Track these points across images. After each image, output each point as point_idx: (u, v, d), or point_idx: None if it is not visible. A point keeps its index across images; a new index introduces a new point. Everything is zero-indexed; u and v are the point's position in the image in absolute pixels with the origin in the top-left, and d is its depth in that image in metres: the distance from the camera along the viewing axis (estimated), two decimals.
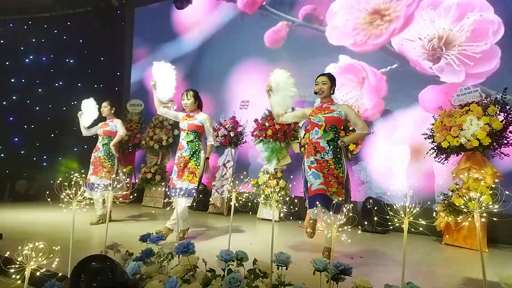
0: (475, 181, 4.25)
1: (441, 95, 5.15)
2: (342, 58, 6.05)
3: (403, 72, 5.55)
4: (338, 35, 6.13)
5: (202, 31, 7.77)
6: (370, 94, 5.75)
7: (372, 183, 5.61)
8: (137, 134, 7.52)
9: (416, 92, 5.39)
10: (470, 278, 3.02)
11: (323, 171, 3.19)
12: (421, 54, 5.41)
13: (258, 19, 7.06)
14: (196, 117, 4.17)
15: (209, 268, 2.28)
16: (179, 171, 4.06)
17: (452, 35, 5.16)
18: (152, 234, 2.60)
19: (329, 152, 3.22)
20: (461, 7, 5.12)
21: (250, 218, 5.87)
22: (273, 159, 5.92)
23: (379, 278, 2.79)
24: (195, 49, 7.84)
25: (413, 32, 5.49)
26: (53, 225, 4.55)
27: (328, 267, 2.03)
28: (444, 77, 5.21)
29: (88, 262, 1.93)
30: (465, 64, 5.06)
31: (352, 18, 5.99)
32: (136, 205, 6.99)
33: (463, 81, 5.01)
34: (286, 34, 6.72)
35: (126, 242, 2.83)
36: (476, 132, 4.20)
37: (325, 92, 3.34)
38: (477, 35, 4.98)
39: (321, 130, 3.26)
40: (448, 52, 5.18)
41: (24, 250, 1.89)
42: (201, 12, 7.85)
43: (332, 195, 3.11)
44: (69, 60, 8.20)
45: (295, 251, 3.56)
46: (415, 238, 4.56)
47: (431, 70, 5.31)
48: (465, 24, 5.07)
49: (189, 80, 7.45)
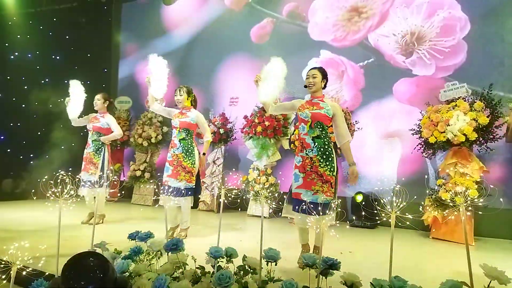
0: (462, 175, 4.31)
1: (413, 87, 5.51)
2: (323, 52, 6.30)
3: (379, 66, 5.84)
4: (319, 31, 6.38)
5: (190, 27, 7.73)
6: (349, 86, 6.03)
7: (360, 178, 5.61)
8: (126, 132, 7.45)
9: (391, 85, 5.69)
10: (456, 271, 3.06)
11: (305, 168, 3.12)
12: (395, 49, 5.71)
13: (245, 15, 7.14)
14: (188, 115, 4.12)
15: (198, 265, 2.28)
16: (173, 170, 4.02)
17: (423, 31, 5.47)
18: (140, 232, 2.58)
19: (314, 149, 3.11)
20: (431, 5, 5.44)
21: (240, 215, 5.87)
22: (263, 156, 5.92)
23: (368, 272, 2.81)
24: (183, 45, 7.79)
25: (388, 29, 5.80)
26: (39, 224, 4.49)
27: (317, 262, 2.05)
28: (416, 70, 5.53)
29: (80, 259, 1.90)
30: (435, 58, 5.38)
31: (332, 15, 6.26)
32: (125, 203, 6.93)
33: (433, 74, 5.36)
34: (271, 30, 6.86)
35: (114, 241, 2.81)
36: (463, 127, 4.26)
37: (315, 86, 3.23)
38: (446, 31, 5.30)
39: (307, 126, 3.18)
40: (420, 47, 5.50)
41: (9, 250, 1.86)
42: (189, 8, 7.82)
43: (317, 193, 3.04)
44: (55, 57, 8.07)
45: (285, 247, 3.57)
46: (403, 233, 4.62)
47: (404, 64, 5.61)
48: (435, 21, 5.39)
49: (178, 76, 7.40)
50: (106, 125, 4.93)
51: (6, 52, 7.60)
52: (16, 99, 7.58)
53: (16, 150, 7.51)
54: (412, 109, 5.37)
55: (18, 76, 7.62)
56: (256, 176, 5.81)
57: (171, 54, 7.69)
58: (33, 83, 7.64)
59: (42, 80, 7.56)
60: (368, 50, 5.93)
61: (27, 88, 7.67)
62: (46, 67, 7.76)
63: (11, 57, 7.66)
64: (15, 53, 7.71)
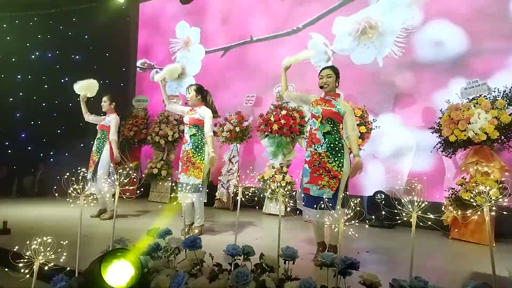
0: (483, 175, 4.21)
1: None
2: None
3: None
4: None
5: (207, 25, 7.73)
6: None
7: (379, 177, 5.57)
8: (143, 130, 7.53)
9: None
10: (478, 273, 3.00)
11: (314, 163, 3.11)
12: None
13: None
14: (197, 111, 4.18)
15: (216, 263, 2.29)
16: (183, 165, 4.10)
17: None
18: (159, 229, 2.60)
19: (323, 144, 3.10)
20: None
21: (256, 213, 5.87)
22: (278, 154, 5.90)
23: (386, 272, 2.78)
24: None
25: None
26: (60, 220, 4.59)
27: (335, 262, 2.03)
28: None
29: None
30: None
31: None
32: (142, 200, 7.02)
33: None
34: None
35: (133, 237, 2.85)
36: (484, 125, 4.16)
37: (330, 85, 3.23)
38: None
39: (318, 122, 3.16)
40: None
41: (32, 245, 1.90)
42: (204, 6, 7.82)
43: (323, 188, 3.04)
44: (74, 56, 8.21)
45: (302, 246, 3.56)
46: (422, 233, 4.53)
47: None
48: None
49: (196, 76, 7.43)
50: (108, 122, 5.07)
51: (27, 52, 7.79)
52: (37, 98, 7.76)
53: (36, 147, 7.69)
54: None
55: (39, 75, 7.80)
56: (272, 175, 5.80)
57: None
58: (53, 83, 7.81)
59: (62, 80, 7.70)
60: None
61: (47, 87, 7.84)
62: (65, 66, 7.90)
63: (32, 56, 7.84)
64: (35, 53, 7.89)
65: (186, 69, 6.90)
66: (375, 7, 4.92)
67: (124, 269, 2.06)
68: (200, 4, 6.90)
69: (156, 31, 7.83)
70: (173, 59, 7.20)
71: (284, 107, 5.87)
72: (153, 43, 8.18)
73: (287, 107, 5.88)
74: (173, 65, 4.55)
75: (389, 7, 4.80)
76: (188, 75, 6.89)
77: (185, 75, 6.81)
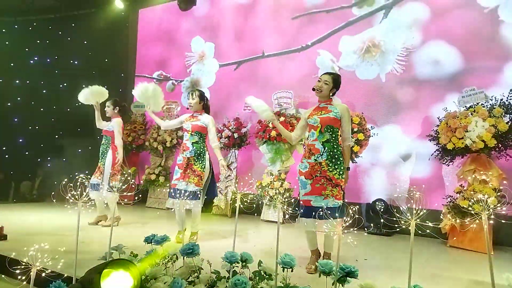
0: (481, 183, 4.22)
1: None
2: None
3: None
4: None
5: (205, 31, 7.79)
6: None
7: (376, 185, 5.59)
8: (141, 136, 7.53)
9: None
10: (476, 281, 2.99)
11: (314, 174, 3.10)
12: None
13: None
14: (200, 118, 4.16)
15: (214, 270, 2.28)
16: (183, 172, 4.03)
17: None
18: (156, 236, 2.59)
19: (324, 154, 3.09)
20: None
21: (253, 220, 5.86)
22: (277, 161, 5.91)
23: (384, 281, 2.78)
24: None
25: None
26: (57, 226, 4.56)
27: (333, 270, 2.02)
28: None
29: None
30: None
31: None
32: (140, 206, 7.00)
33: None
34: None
35: (130, 244, 2.83)
36: (482, 133, 4.18)
37: (323, 92, 3.20)
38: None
39: (317, 132, 3.15)
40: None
41: (29, 251, 1.89)
42: (204, 13, 7.87)
43: (327, 198, 3.03)
44: (73, 61, 8.23)
45: (300, 253, 3.55)
46: (420, 240, 4.53)
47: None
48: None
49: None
50: (112, 128, 5.03)
51: (26, 57, 7.80)
52: (35, 103, 7.76)
53: (34, 152, 7.67)
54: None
55: (37, 80, 7.80)
56: (270, 181, 5.80)
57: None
58: (51, 88, 7.82)
59: (61, 85, 7.71)
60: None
61: (46, 92, 7.85)
62: (64, 71, 7.92)
63: (31, 61, 7.85)
64: (34, 58, 7.90)
65: (201, 81, 7.20)
66: (378, 27, 5.27)
67: (123, 279, 2.05)
68: (215, 21, 7.16)
69: (172, 45, 7.96)
70: (189, 72, 7.41)
71: (282, 114, 5.89)
72: (169, 56, 8.27)
73: (286, 114, 5.89)
74: (140, 89, 4.63)
75: (391, 28, 5.15)
76: (203, 86, 7.13)
77: (200, 87, 7.00)
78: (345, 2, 5.60)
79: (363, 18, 5.48)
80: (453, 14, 4.81)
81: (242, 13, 6.80)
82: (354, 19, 5.58)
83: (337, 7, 5.69)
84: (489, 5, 4.54)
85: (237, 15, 6.90)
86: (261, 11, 6.58)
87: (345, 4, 5.58)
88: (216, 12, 7.16)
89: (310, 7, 5.98)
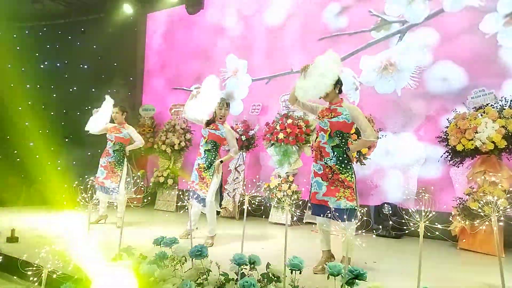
0: (491, 184, 4.18)
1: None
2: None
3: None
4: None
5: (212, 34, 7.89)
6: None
7: (385, 186, 5.61)
8: (150, 138, 7.58)
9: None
10: (487, 284, 2.96)
11: (327, 177, 3.15)
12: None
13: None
14: (220, 128, 4.21)
15: (222, 272, 2.29)
16: (199, 178, 4.19)
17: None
18: (165, 238, 2.61)
19: (333, 158, 3.13)
20: None
21: (261, 222, 5.86)
22: (284, 163, 5.90)
23: (393, 283, 2.76)
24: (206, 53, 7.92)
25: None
26: (67, 228, 4.60)
27: (342, 272, 2.02)
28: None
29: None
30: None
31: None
32: (149, 209, 7.03)
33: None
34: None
35: (139, 246, 2.85)
36: (491, 135, 4.14)
37: (329, 95, 3.20)
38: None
39: (327, 135, 3.17)
40: None
41: (40, 253, 1.92)
42: (211, 16, 7.95)
43: (340, 200, 3.06)
44: (83, 66, 8.31)
45: (308, 256, 3.54)
46: (430, 243, 4.50)
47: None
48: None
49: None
50: (128, 135, 5.25)
51: (36, 62, 7.90)
52: (45, 106, 7.84)
53: (44, 156, 7.74)
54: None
55: (47, 84, 7.90)
56: (278, 184, 5.79)
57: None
58: (61, 92, 7.91)
59: (70, 89, 7.79)
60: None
61: (56, 96, 7.94)
62: (74, 76, 8.01)
63: (41, 66, 7.95)
64: (44, 63, 8.00)
65: (235, 93, 7.58)
66: (395, 49, 5.90)
67: (131, 280, 2.06)
68: (247, 41, 7.57)
69: (207, 61, 8.14)
70: (224, 85, 7.66)
71: (290, 116, 5.89)
72: (204, 72, 8.41)
73: (293, 116, 5.89)
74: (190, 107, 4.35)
75: (406, 49, 5.80)
76: (237, 98, 7.47)
77: (234, 99, 7.41)
78: (365, 27, 6.19)
79: (381, 40, 6.04)
80: (459, 39, 5.35)
81: (273, 34, 7.28)
82: (373, 41, 6.12)
83: (358, 31, 6.26)
84: (489, 32, 5.09)
85: (268, 36, 7.35)
86: (290, 33, 7.07)
87: (365, 29, 6.19)
88: (248, 33, 7.60)
89: (334, 30, 6.52)
